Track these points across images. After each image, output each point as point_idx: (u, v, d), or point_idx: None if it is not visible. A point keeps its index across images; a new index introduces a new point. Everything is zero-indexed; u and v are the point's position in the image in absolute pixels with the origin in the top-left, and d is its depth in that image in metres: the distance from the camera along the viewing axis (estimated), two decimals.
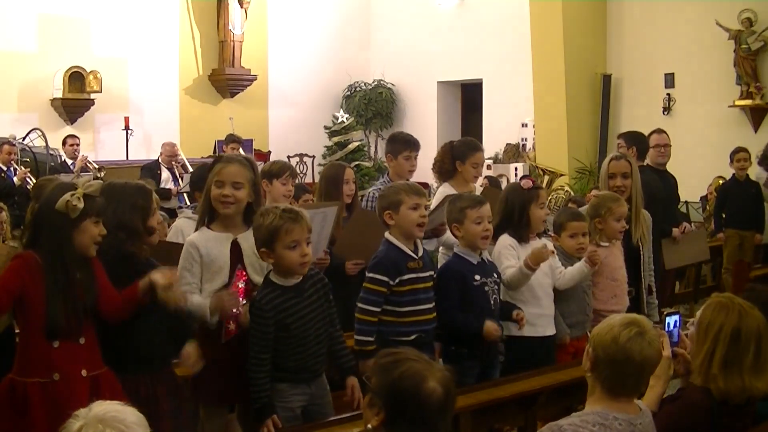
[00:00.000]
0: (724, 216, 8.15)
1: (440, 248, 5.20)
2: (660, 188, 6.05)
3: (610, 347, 2.48)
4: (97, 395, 2.90)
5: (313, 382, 3.47)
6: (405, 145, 5.39)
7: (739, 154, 8.00)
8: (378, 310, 3.71)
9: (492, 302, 3.98)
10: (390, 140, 5.58)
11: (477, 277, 3.94)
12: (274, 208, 3.40)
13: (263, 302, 3.34)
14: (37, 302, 2.97)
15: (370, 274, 3.75)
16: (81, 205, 2.98)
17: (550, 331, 4.29)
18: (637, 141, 6.37)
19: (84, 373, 3.03)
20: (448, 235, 4.47)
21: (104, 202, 3.13)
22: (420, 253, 3.82)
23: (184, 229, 4.35)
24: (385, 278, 3.70)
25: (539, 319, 4.24)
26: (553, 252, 4.29)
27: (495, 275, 4.06)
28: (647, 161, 6.31)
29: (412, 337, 3.70)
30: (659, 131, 6.60)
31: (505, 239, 4.27)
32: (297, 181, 5.29)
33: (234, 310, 3.45)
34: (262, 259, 3.43)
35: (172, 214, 8.45)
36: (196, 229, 3.62)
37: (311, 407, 3.48)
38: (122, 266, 3.21)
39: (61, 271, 3.00)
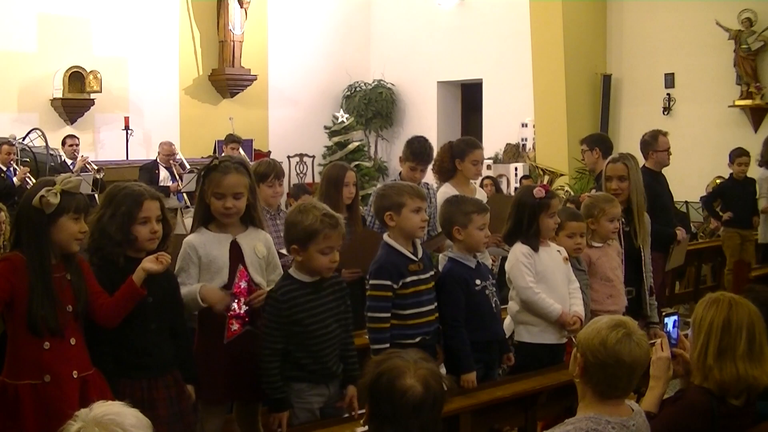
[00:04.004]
0: (722, 214, 8.16)
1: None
2: (658, 190, 6.04)
3: (600, 351, 2.47)
4: (86, 396, 2.91)
5: (331, 383, 3.49)
6: (413, 157, 5.35)
7: (741, 158, 7.97)
8: (388, 315, 3.66)
9: (493, 305, 3.98)
10: (406, 144, 5.48)
11: (477, 281, 3.93)
12: (313, 209, 3.41)
13: (279, 294, 3.38)
14: (25, 302, 2.95)
15: (374, 281, 3.69)
16: (56, 201, 2.96)
17: (563, 338, 4.22)
18: (599, 142, 6.35)
19: (75, 374, 3.02)
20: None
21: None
22: (419, 255, 3.80)
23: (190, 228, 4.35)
24: (388, 282, 3.66)
25: (552, 326, 4.17)
26: (566, 259, 4.28)
27: (491, 277, 4.06)
28: (646, 164, 6.26)
29: (417, 339, 3.68)
30: (665, 133, 6.48)
31: (520, 248, 4.19)
32: (297, 181, 5.27)
33: (230, 310, 3.46)
34: (290, 254, 3.44)
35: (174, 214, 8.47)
36: (192, 230, 3.60)
37: (327, 409, 3.50)
38: (106, 272, 3.19)
39: (40, 267, 2.97)
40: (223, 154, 9.86)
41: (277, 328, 3.36)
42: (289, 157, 13.32)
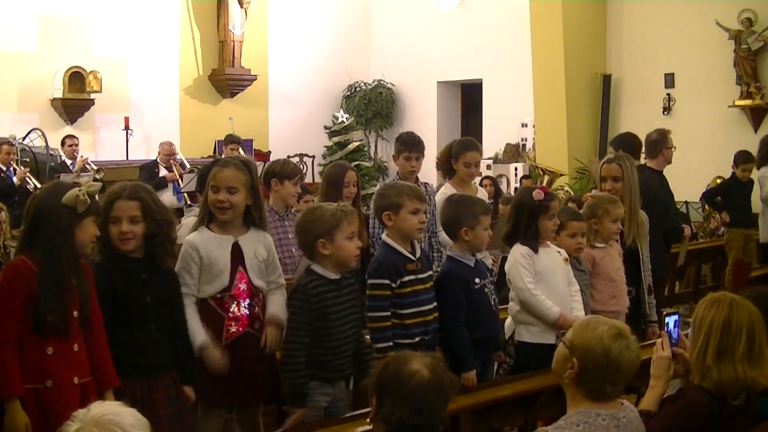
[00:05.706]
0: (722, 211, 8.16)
1: (442, 250, 5.19)
2: (660, 190, 6.02)
3: (601, 361, 2.51)
4: (86, 402, 2.88)
5: (336, 384, 3.55)
6: (404, 146, 5.35)
7: (747, 164, 7.94)
8: (388, 314, 3.68)
9: (492, 303, 3.99)
10: (396, 140, 5.52)
11: (477, 279, 3.93)
12: (325, 205, 3.59)
13: (309, 287, 3.44)
14: (30, 306, 2.93)
15: (373, 281, 3.70)
16: (88, 201, 3.00)
17: None
18: (623, 144, 6.25)
19: (76, 380, 3.02)
20: (444, 236, 4.46)
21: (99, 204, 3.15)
22: (418, 254, 3.80)
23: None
24: (386, 281, 3.67)
25: (553, 327, 4.14)
26: (566, 260, 4.26)
27: (488, 275, 4.06)
28: (648, 163, 6.24)
29: (416, 339, 3.69)
30: (669, 132, 6.36)
31: (519, 248, 4.15)
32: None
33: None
34: (318, 251, 3.47)
35: (178, 213, 8.45)
36: (195, 229, 3.61)
37: (331, 408, 3.53)
38: (106, 271, 3.22)
39: (57, 266, 2.96)
40: (223, 155, 9.87)
41: (306, 321, 3.41)
42: (289, 156, 13.28)
